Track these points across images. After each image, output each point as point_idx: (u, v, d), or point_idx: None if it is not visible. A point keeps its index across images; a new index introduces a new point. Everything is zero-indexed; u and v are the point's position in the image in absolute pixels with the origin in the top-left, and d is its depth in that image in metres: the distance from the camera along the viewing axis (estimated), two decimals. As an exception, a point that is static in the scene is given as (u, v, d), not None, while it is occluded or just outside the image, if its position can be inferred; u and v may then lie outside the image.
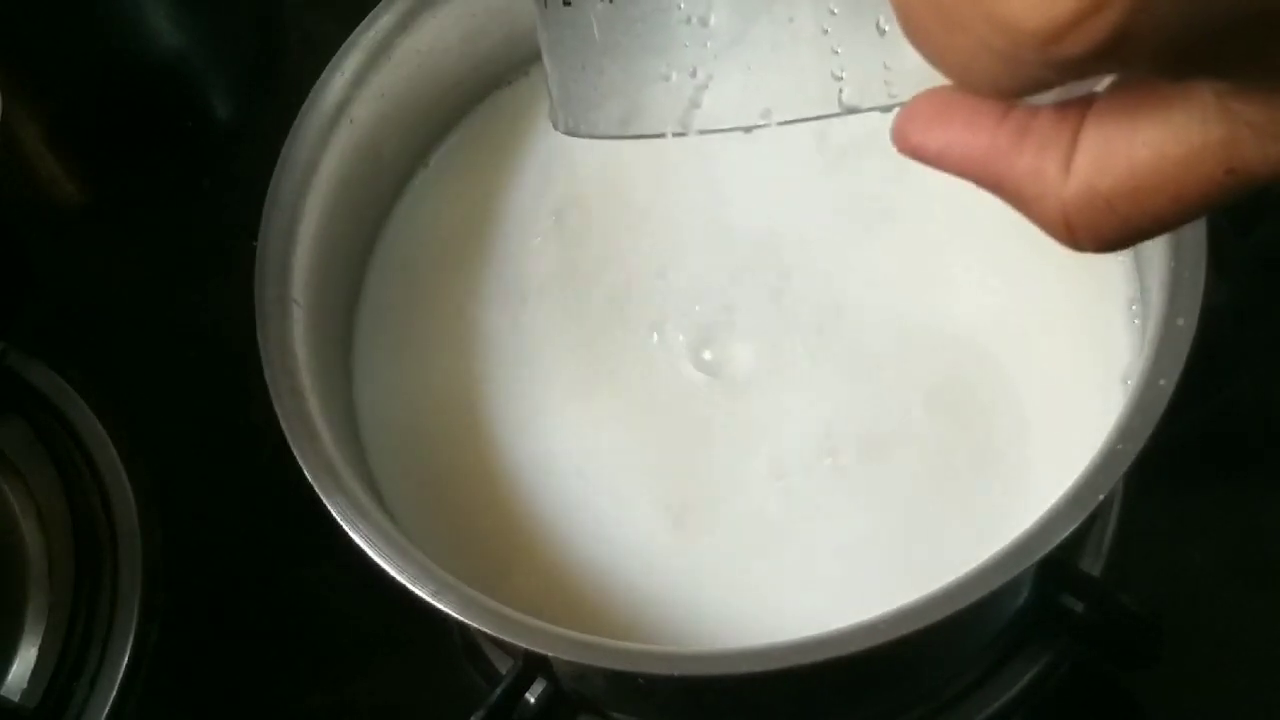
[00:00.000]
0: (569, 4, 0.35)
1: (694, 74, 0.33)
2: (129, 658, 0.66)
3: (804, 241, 0.60)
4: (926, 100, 0.31)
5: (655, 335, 0.59)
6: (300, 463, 0.50)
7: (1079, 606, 0.54)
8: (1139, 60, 0.25)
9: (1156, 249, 0.51)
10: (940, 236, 0.58)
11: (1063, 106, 0.29)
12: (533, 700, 0.54)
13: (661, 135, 0.35)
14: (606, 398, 0.58)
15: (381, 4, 0.60)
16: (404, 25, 0.60)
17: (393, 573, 0.48)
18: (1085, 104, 0.28)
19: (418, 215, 0.64)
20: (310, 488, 0.50)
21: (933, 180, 0.61)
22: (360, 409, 0.59)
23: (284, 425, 0.51)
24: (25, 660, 0.66)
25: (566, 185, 0.63)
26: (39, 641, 0.66)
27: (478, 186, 0.64)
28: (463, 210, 0.63)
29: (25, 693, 0.65)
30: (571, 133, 0.38)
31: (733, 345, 0.58)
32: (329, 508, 0.49)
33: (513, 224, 0.63)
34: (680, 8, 0.33)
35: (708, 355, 0.58)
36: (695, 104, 0.34)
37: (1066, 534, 0.46)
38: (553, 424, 0.58)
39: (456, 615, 0.47)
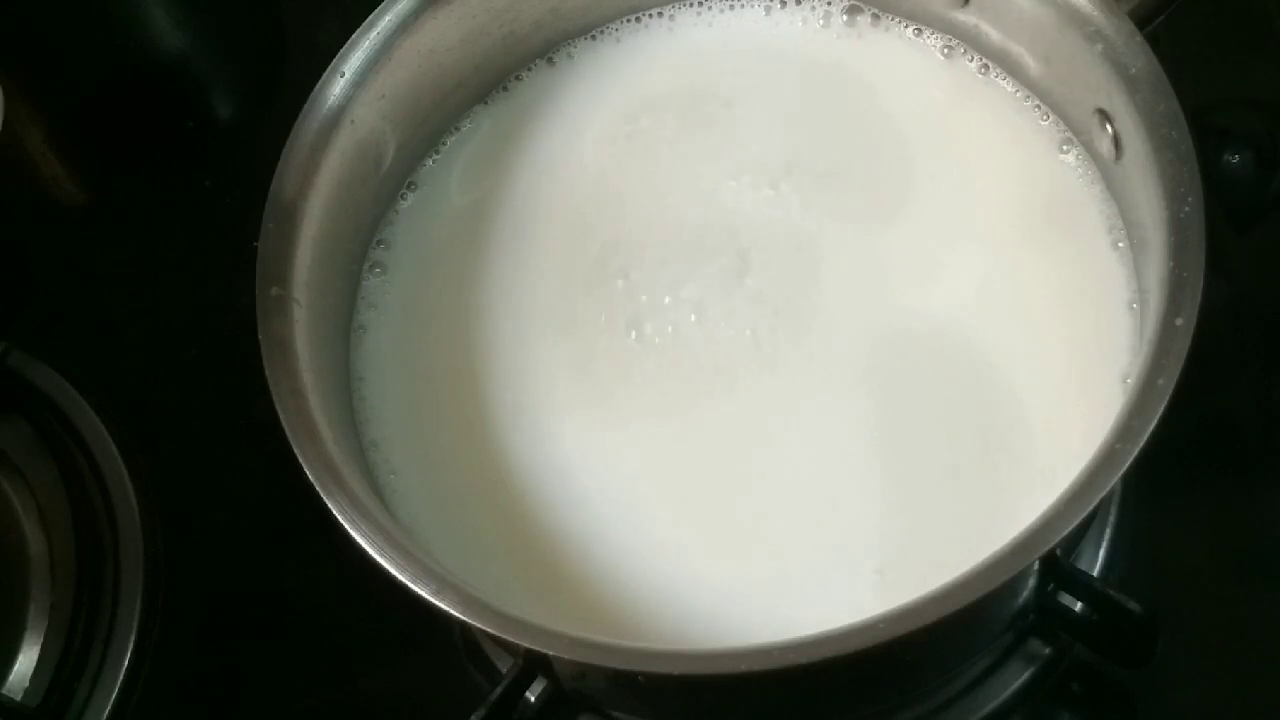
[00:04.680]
0: None
1: None
2: (130, 656, 0.66)
3: (807, 243, 0.60)
4: None
5: (658, 335, 0.59)
6: (301, 462, 0.50)
7: (1077, 605, 0.54)
8: None
9: (1156, 249, 0.51)
10: (941, 238, 0.59)
11: None
12: (533, 699, 0.54)
13: None
14: (609, 396, 0.58)
15: (382, 5, 0.60)
16: (405, 26, 0.60)
17: (393, 571, 0.48)
18: None
19: (417, 215, 0.64)
20: (311, 487, 0.50)
21: (933, 181, 0.62)
22: (360, 408, 0.59)
23: (285, 424, 0.51)
24: (27, 659, 0.66)
25: (566, 185, 0.63)
26: (41, 640, 0.66)
27: (478, 187, 0.64)
28: (463, 210, 0.63)
29: (27, 692, 0.65)
30: None
31: (736, 347, 0.58)
32: (330, 507, 0.50)
33: (513, 223, 0.63)
34: None
35: (711, 357, 0.58)
36: None
37: (1065, 533, 0.46)
38: (554, 422, 0.58)
39: (457, 614, 0.47)
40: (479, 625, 0.48)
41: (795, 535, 0.54)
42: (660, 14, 0.66)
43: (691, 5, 0.66)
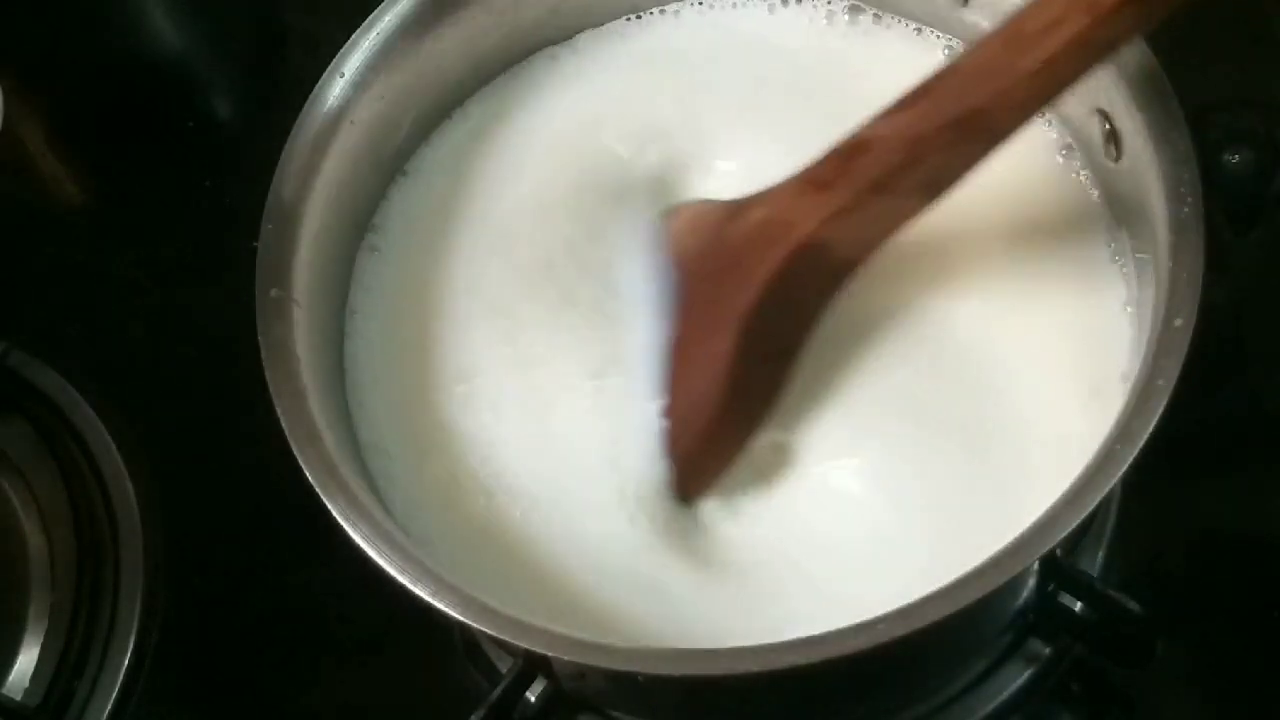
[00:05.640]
0: None
1: None
2: (130, 656, 0.66)
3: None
4: None
5: (653, 332, 0.59)
6: (300, 462, 0.50)
7: (1077, 605, 0.54)
8: None
9: (1156, 249, 0.51)
10: (940, 238, 0.58)
11: None
12: (533, 699, 0.54)
13: None
14: (607, 394, 0.58)
15: (382, 6, 0.60)
16: (404, 27, 0.60)
17: (393, 572, 0.48)
18: None
19: (413, 214, 0.63)
20: (310, 487, 0.50)
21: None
22: (357, 408, 0.59)
23: (284, 425, 0.51)
24: (27, 659, 0.66)
25: (565, 184, 0.63)
26: (41, 640, 0.67)
27: (474, 185, 0.63)
28: (458, 209, 0.63)
29: (27, 692, 0.65)
30: None
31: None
32: (329, 507, 0.50)
33: (509, 223, 0.62)
34: None
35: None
36: None
37: (1065, 533, 0.46)
38: (553, 421, 0.57)
39: (456, 615, 0.47)
40: (478, 626, 0.48)
41: (795, 536, 0.54)
42: (663, 11, 0.66)
43: (694, 4, 0.66)
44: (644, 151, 0.63)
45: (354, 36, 0.59)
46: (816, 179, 0.52)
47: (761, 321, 0.52)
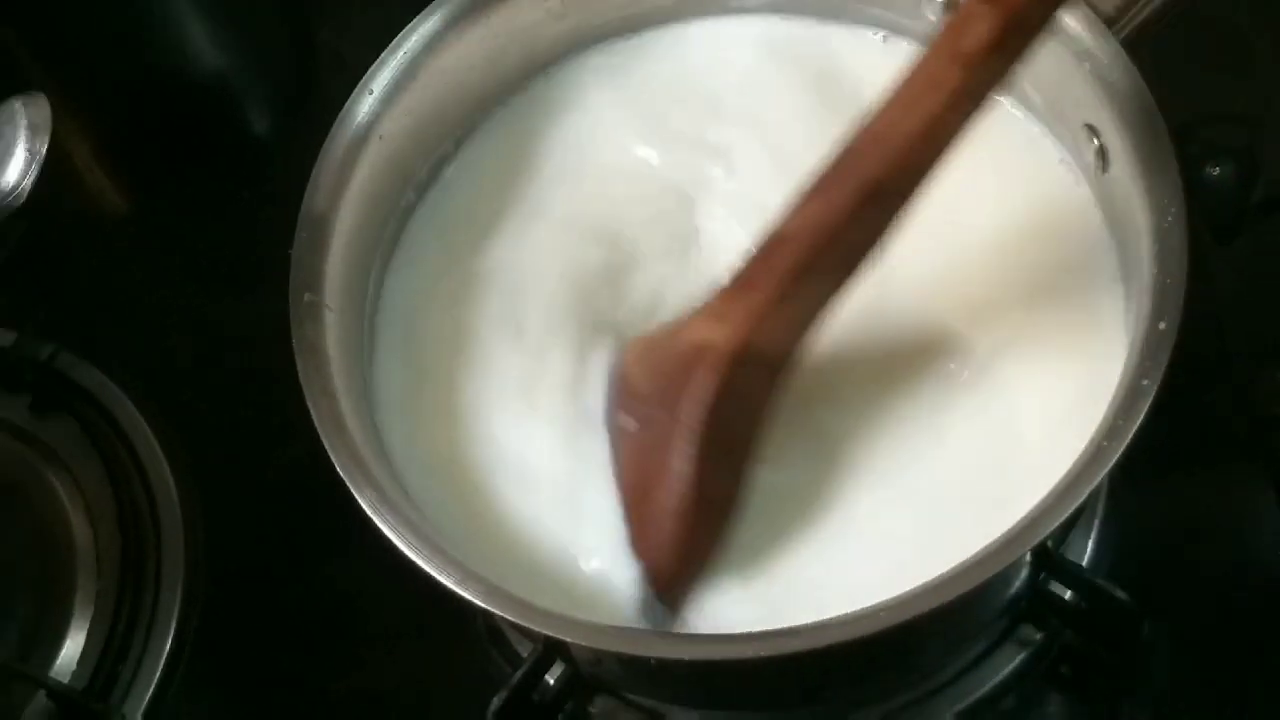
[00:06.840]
0: None
1: None
2: (171, 643, 0.67)
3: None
4: None
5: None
6: (332, 459, 0.52)
7: (1067, 593, 0.56)
8: None
9: (1142, 257, 0.52)
10: (935, 242, 0.58)
11: None
12: (552, 682, 0.56)
13: None
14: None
15: (409, 26, 0.61)
16: (430, 47, 0.61)
17: (420, 563, 0.49)
18: None
19: (440, 225, 0.64)
20: (342, 482, 0.51)
21: (931, 193, 0.62)
22: (380, 408, 0.59)
23: (316, 423, 0.52)
24: (74, 645, 0.68)
25: (574, 194, 0.64)
26: (87, 627, 0.68)
27: (500, 197, 0.64)
28: (484, 220, 0.64)
29: (74, 675, 0.67)
30: None
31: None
32: (359, 501, 0.51)
33: (522, 230, 0.63)
34: None
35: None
36: None
37: (1055, 525, 0.47)
38: (560, 421, 0.58)
39: (480, 603, 0.49)
40: (501, 613, 0.49)
41: (794, 531, 0.55)
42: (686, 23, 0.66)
43: (704, 17, 0.66)
44: (662, 163, 0.64)
45: (382, 56, 0.61)
46: (743, 280, 0.53)
47: (716, 430, 0.52)
